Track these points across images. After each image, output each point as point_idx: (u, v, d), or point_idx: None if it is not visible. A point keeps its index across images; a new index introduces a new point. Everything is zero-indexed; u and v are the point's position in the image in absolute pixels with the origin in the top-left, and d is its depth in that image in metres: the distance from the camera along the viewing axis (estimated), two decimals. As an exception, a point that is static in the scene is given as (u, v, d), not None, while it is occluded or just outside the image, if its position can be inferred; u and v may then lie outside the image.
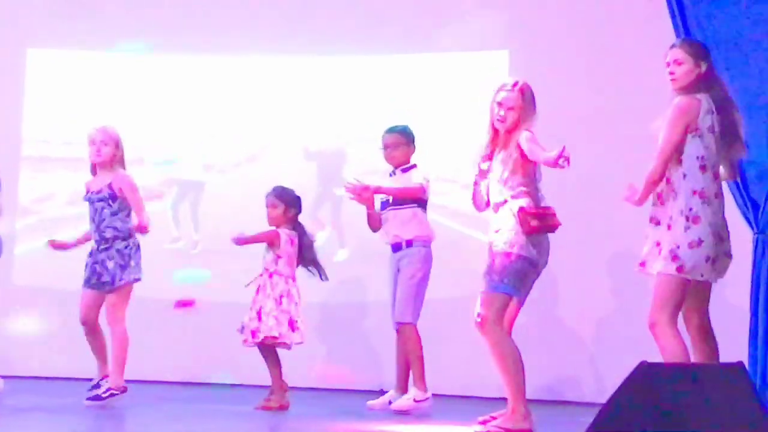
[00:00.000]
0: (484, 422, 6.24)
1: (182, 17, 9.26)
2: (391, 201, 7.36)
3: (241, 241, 7.23)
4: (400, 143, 7.44)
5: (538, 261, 6.07)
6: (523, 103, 6.12)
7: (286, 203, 7.40)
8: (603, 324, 8.24)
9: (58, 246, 7.44)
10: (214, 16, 9.22)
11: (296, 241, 7.36)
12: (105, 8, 9.35)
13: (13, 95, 9.28)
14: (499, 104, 6.15)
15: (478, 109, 8.71)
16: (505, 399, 6.09)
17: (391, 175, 7.48)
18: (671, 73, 5.89)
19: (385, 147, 7.45)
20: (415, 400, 7.22)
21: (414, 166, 7.46)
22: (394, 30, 8.90)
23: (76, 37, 9.32)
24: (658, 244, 5.79)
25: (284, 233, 7.34)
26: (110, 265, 7.11)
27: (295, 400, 7.33)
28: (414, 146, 7.48)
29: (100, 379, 7.23)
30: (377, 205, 7.40)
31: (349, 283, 8.69)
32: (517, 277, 5.98)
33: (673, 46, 5.99)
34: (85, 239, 7.34)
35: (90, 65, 9.44)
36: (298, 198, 7.46)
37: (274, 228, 7.35)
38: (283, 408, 7.20)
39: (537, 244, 6.03)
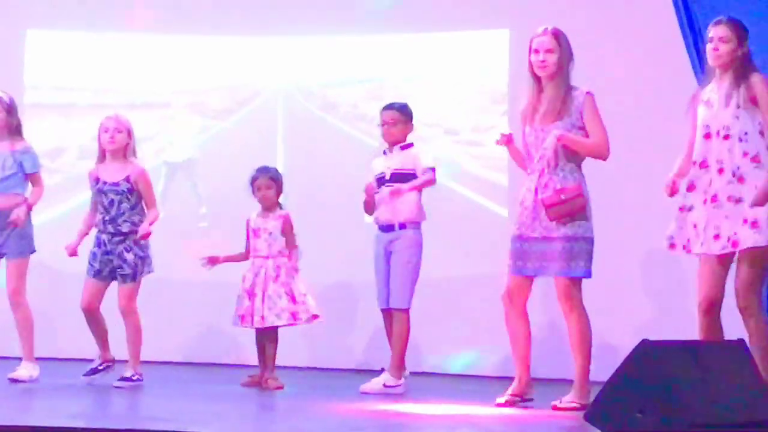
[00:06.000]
0: (507, 404, 6.29)
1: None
2: (388, 178, 7.27)
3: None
4: (399, 120, 7.34)
5: None
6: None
7: (279, 184, 7.44)
8: (605, 302, 8.22)
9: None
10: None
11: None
12: (104, -11, 9.34)
13: (12, 77, 9.22)
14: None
15: (477, 88, 8.77)
16: (505, 378, 6.09)
17: (385, 153, 7.34)
18: (715, 49, 5.90)
19: (383, 123, 7.34)
20: (385, 385, 7.09)
21: (411, 144, 7.38)
22: (393, 9, 8.85)
23: (76, 19, 9.27)
24: (745, 221, 5.77)
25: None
26: (130, 257, 7.16)
27: (295, 380, 7.37)
28: (412, 125, 7.40)
29: (102, 363, 7.27)
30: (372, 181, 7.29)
31: (347, 261, 8.64)
32: None
33: (718, 22, 5.96)
34: (89, 228, 7.33)
35: (89, 46, 9.40)
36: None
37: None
38: (279, 388, 7.24)
39: None
